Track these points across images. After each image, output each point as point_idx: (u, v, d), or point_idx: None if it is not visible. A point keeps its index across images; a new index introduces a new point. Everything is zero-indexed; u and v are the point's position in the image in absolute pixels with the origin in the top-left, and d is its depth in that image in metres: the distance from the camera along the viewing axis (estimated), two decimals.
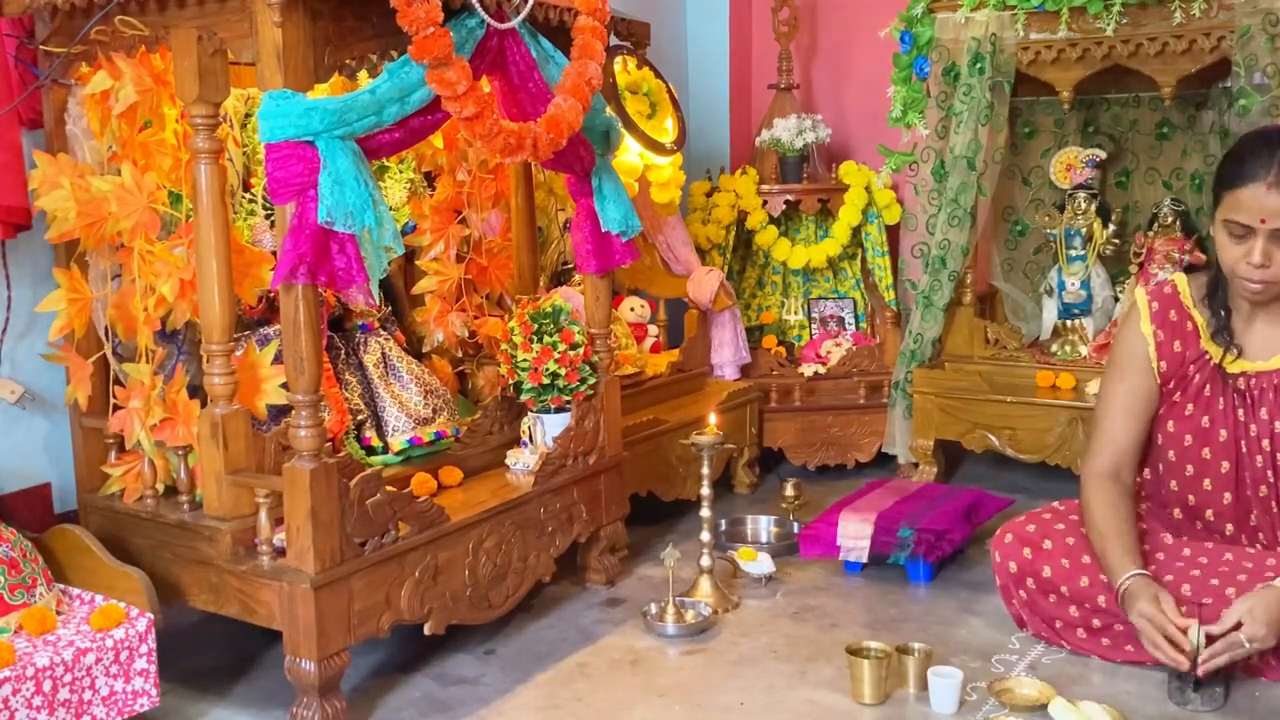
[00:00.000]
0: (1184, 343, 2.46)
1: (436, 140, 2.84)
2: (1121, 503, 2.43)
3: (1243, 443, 2.39)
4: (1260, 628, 2.16)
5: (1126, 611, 2.27)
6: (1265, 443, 2.37)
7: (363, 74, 2.28)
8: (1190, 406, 2.44)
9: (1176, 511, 2.51)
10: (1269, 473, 2.37)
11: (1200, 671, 2.17)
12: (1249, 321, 2.42)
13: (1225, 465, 2.41)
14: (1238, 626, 2.17)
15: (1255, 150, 2.29)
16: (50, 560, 2.27)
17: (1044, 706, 2.18)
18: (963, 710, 2.22)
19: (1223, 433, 2.41)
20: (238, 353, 2.33)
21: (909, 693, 2.29)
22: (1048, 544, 2.47)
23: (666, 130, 3.65)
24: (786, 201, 3.96)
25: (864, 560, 2.89)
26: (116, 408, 2.37)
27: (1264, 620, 2.16)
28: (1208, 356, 2.43)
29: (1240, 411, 2.40)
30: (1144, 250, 3.57)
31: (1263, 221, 2.25)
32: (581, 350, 2.74)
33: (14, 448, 2.58)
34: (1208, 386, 2.43)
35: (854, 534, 2.88)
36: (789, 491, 3.31)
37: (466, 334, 2.95)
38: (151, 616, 2.14)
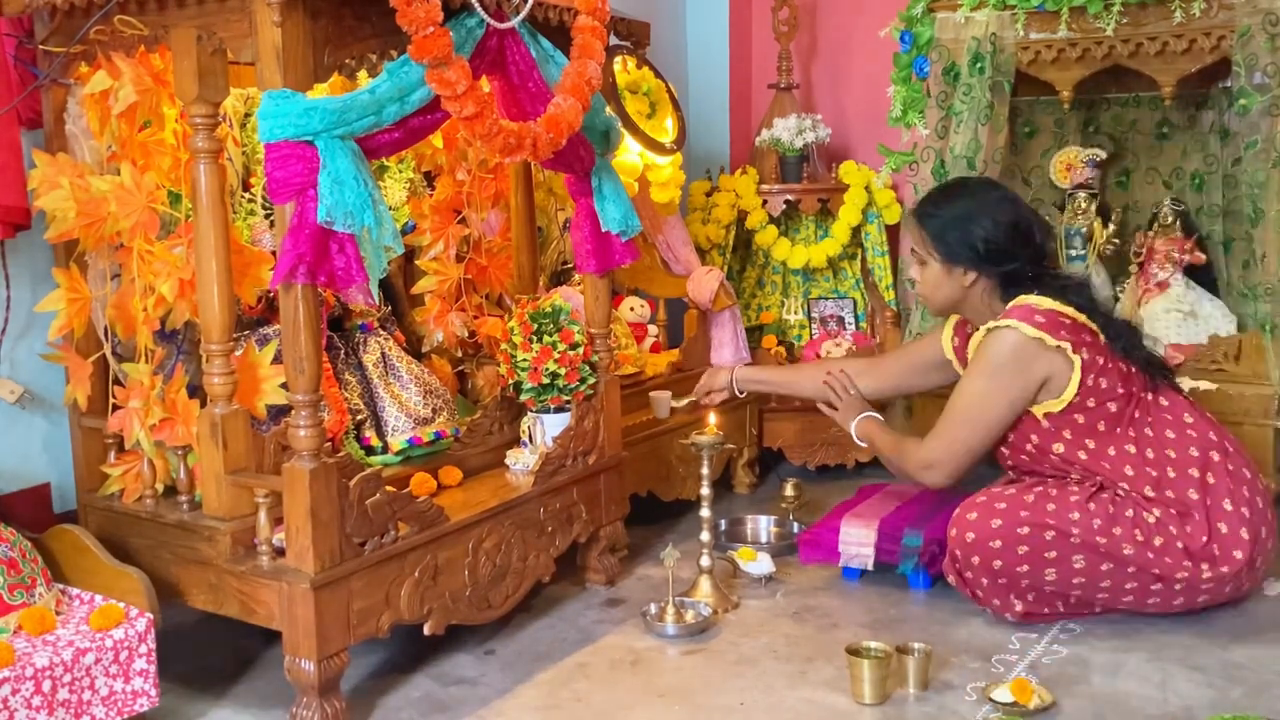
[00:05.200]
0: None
1: (436, 140, 2.84)
2: (811, 372, 3.21)
3: None
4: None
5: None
6: None
7: (362, 74, 2.28)
8: None
9: None
10: None
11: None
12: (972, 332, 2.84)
13: None
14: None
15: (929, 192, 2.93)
16: (50, 560, 2.27)
17: (1045, 709, 2.18)
18: (962, 710, 2.22)
19: None
20: (237, 353, 2.33)
21: (909, 693, 2.28)
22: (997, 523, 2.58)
23: (666, 130, 3.65)
24: (786, 201, 3.96)
25: (868, 568, 2.88)
26: (116, 408, 2.37)
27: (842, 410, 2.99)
28: None
29: None
30: (1144, 250, 3.56)
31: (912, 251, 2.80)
32: (581, 350, 2.73)
33: (13, 448, 2.58)
34: None
35: (857, 540, 2.88)
36: (789, 491, 3.31)
37: (466, 334, 2.95)
38: (151, 616, 2.14)
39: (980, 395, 2.65)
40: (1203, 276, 3.55)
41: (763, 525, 3.34)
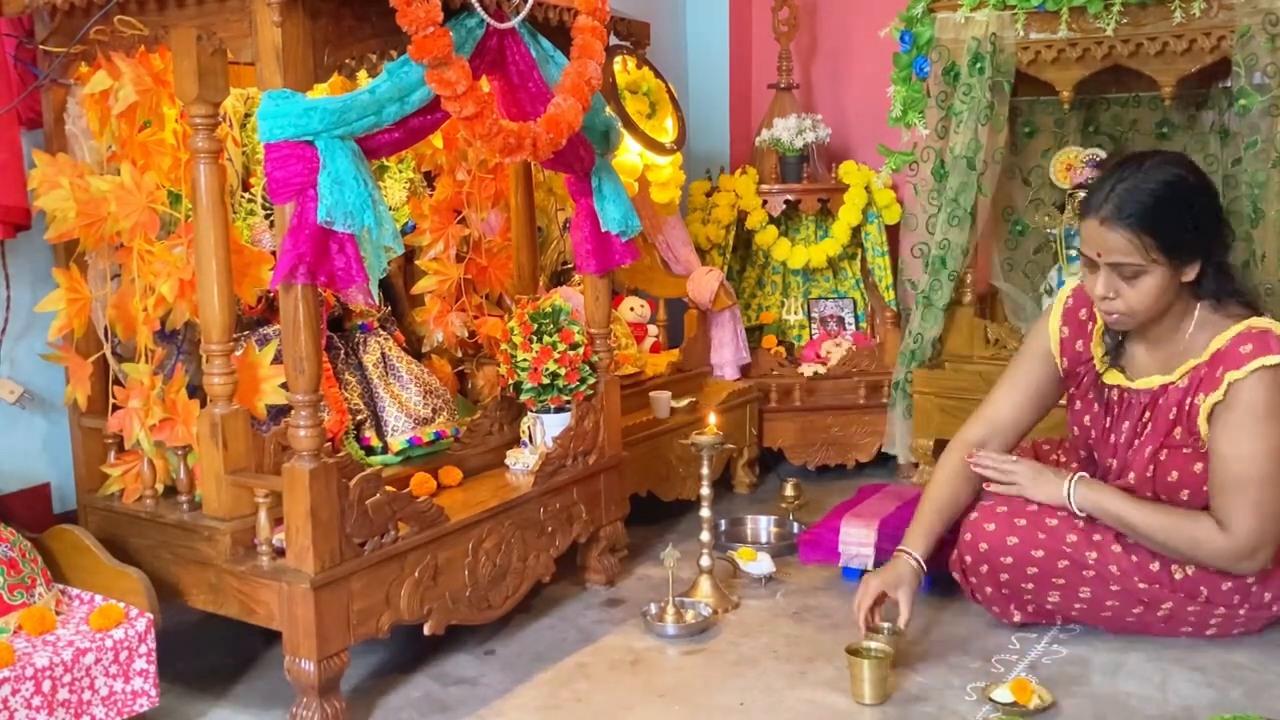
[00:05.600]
0: (1084, 343, 2.58)
1: (436, 140, 2.84)
2: (963, 483, 2.60)
3: (1101, 447, 2.55)
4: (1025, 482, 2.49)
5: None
6: (1128, 453, 2.48)
7: (362, 74, 2.28)
8: (1079, 402, 2.60)
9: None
10: (1119, 480, 2.50)
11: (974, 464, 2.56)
12: (1134, 340, 2.49)
13: (1109, 461, 2.54)
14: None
15: (1100, 183, 2.36)
16: (49, 560, 2.27)
17: (1045, 709, 2.18)
18: (962, 710, 2.22)
19: (1093, 432, 2.57)
20: (237, 353, 2.33)
21: (907, 692, 2.28)
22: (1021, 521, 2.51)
23: (666, 130, 3.65)
24: (786, 201, 3.96)
25: (868, 568, 2.88)
26: (116, 408, 2.37)
27: (1030, 481, 2.48)
28: (1093, 361, 2.56)
29: (1106, 420, 2.53)
30: None
31: (1099, 255, 2.32)
32: (581, 350, 2.73)
33: (13, 448, 2.58)
34: (1091, 389, 2.57)
35: (857, 540, 2.87)
36: (789, 491, 3.31)
37: (466, 334, 2.95)
38: (151, 616, 2.14)
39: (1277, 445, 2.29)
40: None
41: (763, 525, 3.34)
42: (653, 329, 3.71)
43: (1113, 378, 2.51)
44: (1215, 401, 2.32)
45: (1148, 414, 2.45)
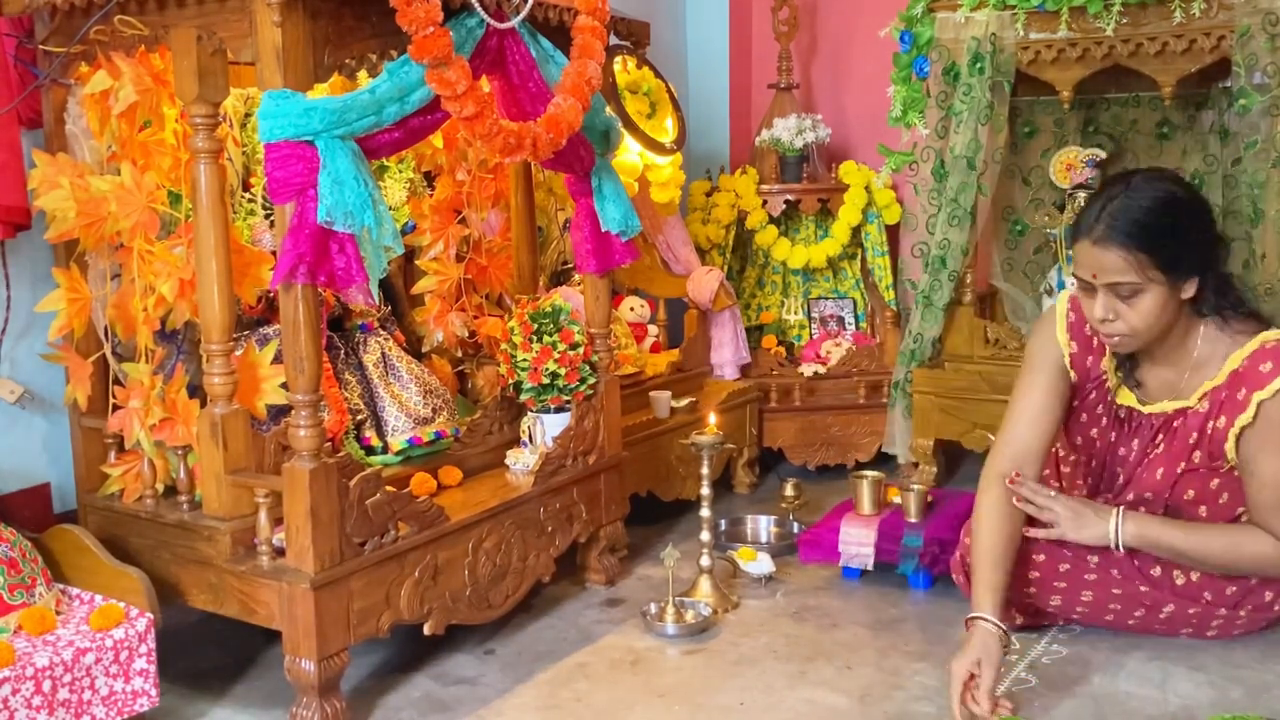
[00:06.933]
0: (1094, 359, 2.50)
1: (436, 140, 2.84)
2: (1007, 521, 2.39)
3: (1109, 458, 2.52)
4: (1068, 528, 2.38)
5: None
6: (1138, 469, 2.46)
7: (362, 74, 2.28)
8: (1085, 415, 2.54)
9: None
10: (1119, 496, 2.48)
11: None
12: (1142, 360, 2.43)
13: (1117, 471, 2.52)
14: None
15: (1089, 204, 2.31)
16: (50, 560, 2.27)
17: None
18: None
19: (1097, 444, 2.54)
20: (237, 352, 2.33)
21: (906, 691, 2.28)
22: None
23: (666, 130, 3.65)
24: (786, 201, 3.96)
25: (868, 568, 2.88)
26: (116, 407, 2.37)
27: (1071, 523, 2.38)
28: (1104, 376, 2.50)
29: (1113, 434, 2.51)
30: None
31: (1094, 276, 2.26)
32: (581, 350, 2.74)
33: (14, 448, 2.58)
34: (1100, 405, 2.52)
35: (857, 540, 2.87)
36: (789, 491, 3.31)
37: (466, 334, 2.95)
38: (151, 616, 2.14)
39: None
40: None
41: (763, 525, 3.34)
42: (653, 329, 3.71)
43: (1125, 398, 2.48)
44: (1244, 424, 2.28)
45: (1160, 436, 2.43)
